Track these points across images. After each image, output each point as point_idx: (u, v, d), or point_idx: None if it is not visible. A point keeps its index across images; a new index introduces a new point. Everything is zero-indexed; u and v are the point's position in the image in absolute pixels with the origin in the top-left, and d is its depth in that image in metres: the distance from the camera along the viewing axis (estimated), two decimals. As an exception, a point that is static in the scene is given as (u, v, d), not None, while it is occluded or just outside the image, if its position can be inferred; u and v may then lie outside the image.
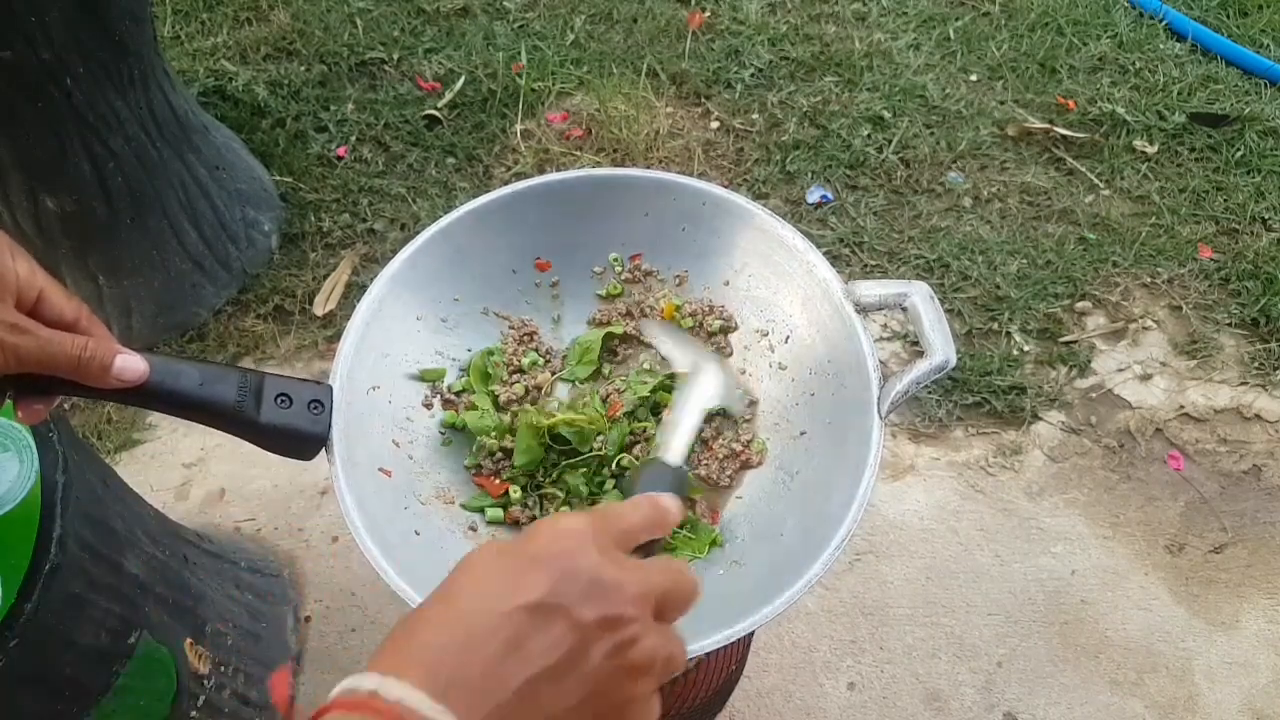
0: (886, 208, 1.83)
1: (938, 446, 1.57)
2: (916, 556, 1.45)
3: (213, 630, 1.15)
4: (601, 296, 0.88)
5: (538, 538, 0.43)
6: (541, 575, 0.40)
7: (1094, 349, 1.68)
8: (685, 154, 1.90)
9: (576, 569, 0.41)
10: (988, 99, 2.00)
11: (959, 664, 1.36)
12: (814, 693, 1.33)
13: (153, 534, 1.10)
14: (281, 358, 1.64)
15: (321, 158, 1.88)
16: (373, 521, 0.68)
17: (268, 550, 1.44)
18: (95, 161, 1.42)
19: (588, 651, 0.39)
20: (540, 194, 0.85)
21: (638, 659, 0.41)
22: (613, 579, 0.41)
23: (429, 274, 0.82)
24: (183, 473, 1.53)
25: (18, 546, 0.81)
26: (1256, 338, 1.69)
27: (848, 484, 0.70)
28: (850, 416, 0.75)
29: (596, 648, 0.40)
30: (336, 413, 0.71)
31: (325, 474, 1.50)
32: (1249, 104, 1.97)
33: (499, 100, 1.96)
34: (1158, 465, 1.56)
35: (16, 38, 1.23)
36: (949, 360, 0.71)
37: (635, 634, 0.41)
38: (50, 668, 0.85)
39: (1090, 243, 1.79)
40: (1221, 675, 1.36)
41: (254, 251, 1.72)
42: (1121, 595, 1.43)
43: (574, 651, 0.39)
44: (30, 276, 0.57)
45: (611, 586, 0.41)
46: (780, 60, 2.05)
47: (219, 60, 2.01)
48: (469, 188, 1.84)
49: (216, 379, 0.66)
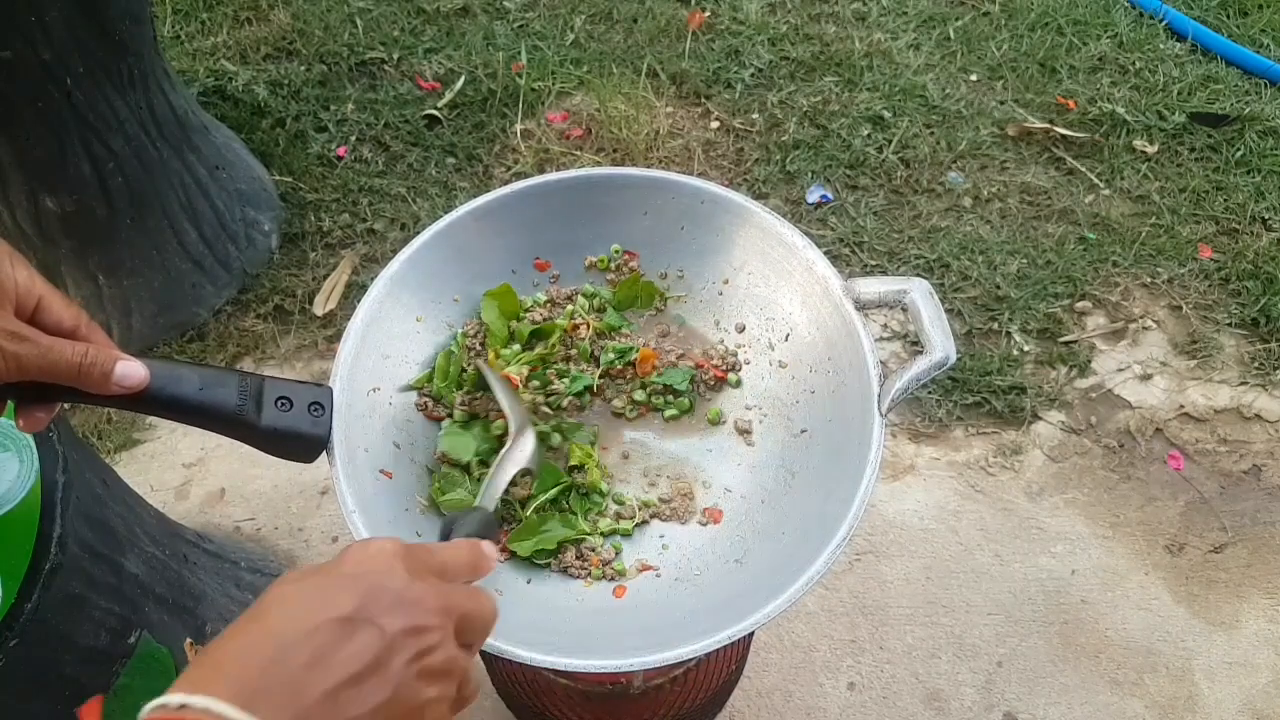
0: (886, 208, 1.83)
1: (938, 446, 1.57)
2: (916, 556, 1.45)
3: (213, 630, 1.15)
4: (587, 267, 0.89)
5: (348, 559, 0.46)
6: (351, 591, 0.44)
7: (1094, 349, 1.68)
8: (685, 154, 1.90)
9: (384, 585, 0.45)
10: (988, 99, 2.00)
11: (959, 664, 1.36)
12: (814, 693, 1.33)
13: (153, 534, 1.10)
14: (281, 358, 1.64)
15: (321, 158, 1.88)
16: (373, 523, 0.68)
17: (268, 550, 1.44)
18: (95, 161, 1.42)
19: (390, 658, 0.43)
20: (540, 194, 0.85)
21: (435, 665, 0.44)
22: (418, 594, 0.45)
23: (429, 274, 0.82)
24: (183, 473, 1.53)
25: (18, 546, 0.81)
26: (1256, 338, 1.69)
27: (848, 483, 0.70)
28: (851, 414, 0.75)
29: (399, 655, 0.43)
30: (337, 415, 0.71)
31: (325, 474, 1.50)
32: (1249, 104, 1.97)
33: (499, 100, 1.96)
34: (1158, 465, 1.56)
35: (16, 38, 1.23)
36: (949, 357, 0.71)
37: (435, 642, 0.44)
38: (50, 668, 0.85)
39: (1090, 243, 1.79)
40: (1221, 675, 1.36)
41: (254, 251, 1.72)
42: (1121, 595, 1.43)
43: (377, 658, 0.42)
44: (29, 284, 0.57)
45: (416, 600, 0.45)
46: (780, 60, 2.05)
47: (219, 60, 2.01)
48: (469, 188, 1.84)
49: (216, 383, 0.66)
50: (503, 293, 0.85)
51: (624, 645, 0.65)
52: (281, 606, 0.43)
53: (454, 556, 0.51)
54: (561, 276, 0.89)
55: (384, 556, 0.46)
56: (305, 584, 0.45)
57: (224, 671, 0.40)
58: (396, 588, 0.45)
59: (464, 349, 0.83)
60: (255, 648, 0.41)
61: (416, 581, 0.46)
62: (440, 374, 0.82)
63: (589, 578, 0.76)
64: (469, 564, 0.52)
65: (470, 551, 0.53)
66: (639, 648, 0.64)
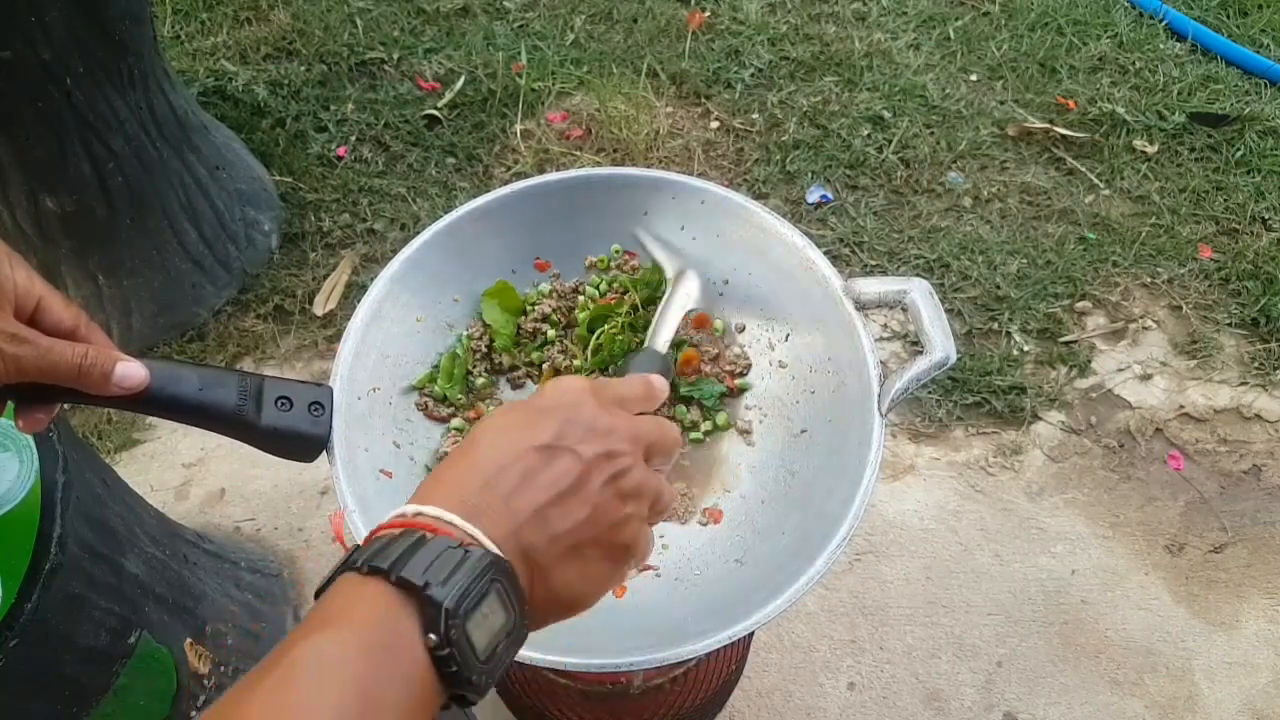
0: (886, 208, 1.83)
1: (938, 446, 1.57)
2: (916, 556, 1.45)
3: (213, 630, 1.15)
4: (587, 267, 0.89)
5: (544, 394, 0.51)
6: (550, 422, 0.48)
7: (1094, 349, 1.68)
8: (685, 154, 1.90)
9: (579, 416, 0.49)
10: (988, 99, 2.00)
11: (959, 664, 1.36)
12: (814, 693, 1.33)
13: (153, 534, 1.10)
14: (281, 358, 1.64)
15: (321, 158, 1.88)
16: (374, 523, 0.68)
17: (268, 550, 1.44)
18: (95, 161, 1.42)
19: (589, 479, 0.47)
20: (540, 194, 0.85)
21: (628, 486, 0.49)
22: (608, 424, 0.49)
23: (429, 274, 0.82)
24: (183, 473, 1.53)
25: (18, 546, 0.81)
26: (1256, 338, 1.69)
27: (848, 483, 0.70)
28: (851, 414, 0.75)
29: (595, 476, 0.48)
30: (337, 414, 0.71)
31: (325, 474, 1.50)
32: (1249, 104, 1.97)
33: (499, 100, 1.96)
34: (1158, 465, 1.56)
35: (16, 38, 1.23)
36: (949, 356, 0.71)
37: (627, 465, 0.49)
38: (50, 668, 0.85)
39: (1090, 243, 1.79)
40: (1221, 675, 1.36)
41: (254, 251, 1.72)
42: (1121, 595, 1.43)
43: (578, 480, 0.47)
44: (29, 285, 0.57)
45: (608, 429, 0.49)
46: (780, 60, 2.05)
47: (219, 60, 2.01)
48: (469, 188, 1.84)
49: (216, 383, 0.66)
50: (501, 290, 0.85)
51: (624, 645, 0.65)
52: (490, 438, 0.48)
53: (630, 389, 0.55)
54: (561, 276, 0.89)
55: (576, 391, 0.51)
56: (509, 418, 0.49)
57: (448, 491, 0.46)
58: (588, 417, 0.49)
59: (469, 352, 0.84)
60: (471, 472, 0.46)
61: (605, 412, 0.50)
62: (444, 375, 0.82)
63: (589, 577, 0.76)
64: (644, 396, 0.56)
65: (644, 385, 0.56)
66: (639, 648, 0.64)
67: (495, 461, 0.47)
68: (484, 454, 0.47)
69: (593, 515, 0.47)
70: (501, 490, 0.46)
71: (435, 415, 0.82)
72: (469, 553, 0.42)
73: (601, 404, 0.51)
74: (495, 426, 0.49)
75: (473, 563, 0.41)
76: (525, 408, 0.50)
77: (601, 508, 0.47)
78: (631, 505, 0.49)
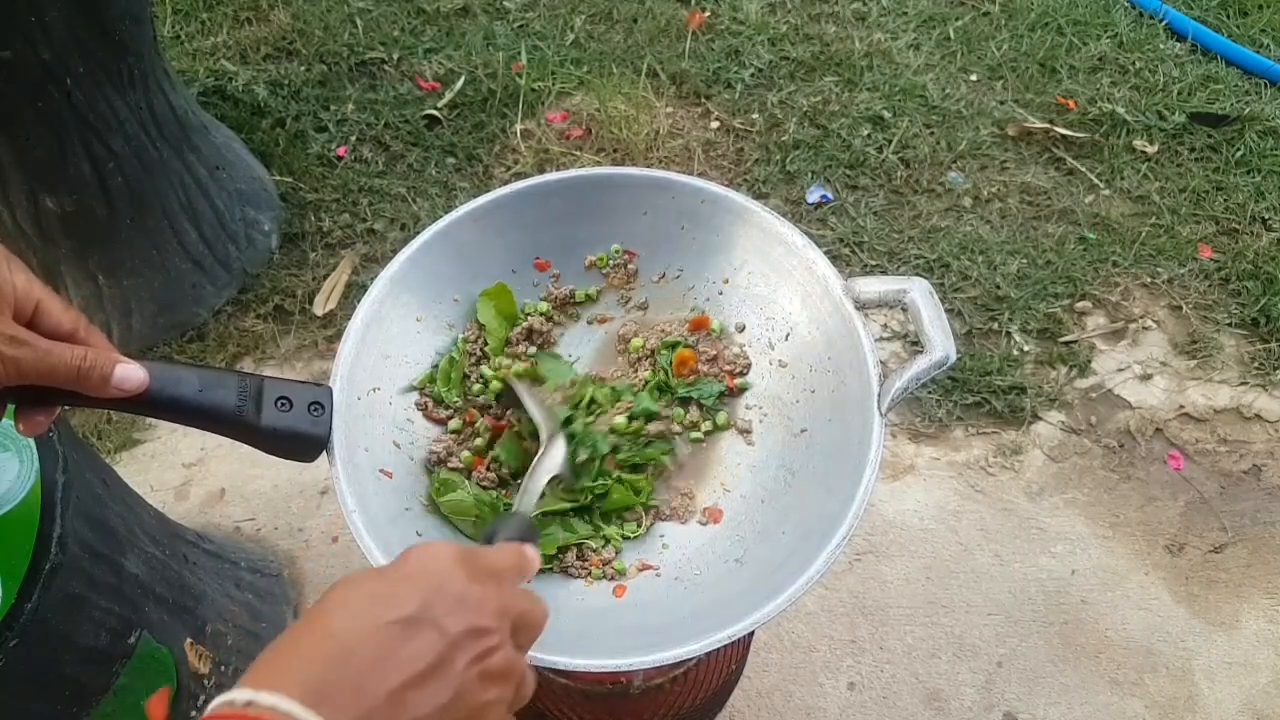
0: (886, 208, 1.83)
1: (938, 446, 1.57)
2: (916, 556, 1.45)
3: (213, 630, 1.15)
4: (587, 267, 0.89)
5: (409, 561, 0.47)
6: (414, 592, 0.44)
7: (1094, 349, 1.68)
8: (685, 154, 1.90)
9: (445, 586, 0.45)
10: (988, 99, 2.00)
11: (959, 664, 1.36)
12: (814, 693, 1.33)
13: (153, 534, 1.10)
14: (281, 358, 1.64)
15: (321, 158, 1.88)
16: (374, 523, 0.68)
17: (268, 550, 1.44)
18: (95, 161, 1.42)
19: (453, 658, 0.43)
20: (540, 194, 0.85)
21: (496, 667, 0.45)
22: (478, 596, 0.46)
23: (429, 274, 0.82)
24: (183, 473, 1.53)
25: (18, 546, 0.81)
26: (1256, 338, 1.69)
27: (848, 482, 0.70)
28: (851, 414, 0.75)
29: (460, 656, 0.43)
30: (337, 414, 0.71)
31: (325, 474, 1.50)
32: (1249, 104, 1.97)
33: (499, 100, 1.96)
34: (1158, 465, 1.56)
35: (16, 38, 1.23)
36: (949, 356, 0.71)
37: (496, 644, 0.45)
38: (50, 668, 0.85)
39: (1090, 243, 1.79)
40: (1221, 675, 1.36)
41: (254, 251, 1.72)
42: (1121, 595, 1.43)
43: (441, 658, 0.43)
44: (27, 287, 0.57)
45: (477, 602, 0.45)
46: (780, 60, 2.05)
47: (219, 60, 2.01)
48: (469, 188, 1.84)
49: (216, 384, 0.66)
50: (498, 292, 0.85)
51: (624, 645, 0.65)
52: (344, 608, 0.44)
53: (501, 560, 0.52)
54: (562, 276, 0.89)
55: (444, 560, 0.47)
56: (366, 586, 0.45)
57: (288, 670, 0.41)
58: (457, 589, 0.45)
59: (465, 355, 0.84)
60: (319, 647, 0.41)
61: (475, 584, 0.46)
62: (443, 378, 0.82)
63: (589, 577, 0.76)
64: (515, 567, 0.53)
65: (516, 555, 0.53)
66: (639, 648, 0.64)
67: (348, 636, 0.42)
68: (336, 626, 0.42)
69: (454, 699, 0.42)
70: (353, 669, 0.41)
71: (435, 416, 0.82)
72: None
73: (472, 575, 0.47)
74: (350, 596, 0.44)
75: None
76: (385, 575, 0.46)
77: (464, 691, 0.43)
78: (496, 690, 0.45)
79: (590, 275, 0.89)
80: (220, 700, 0.40)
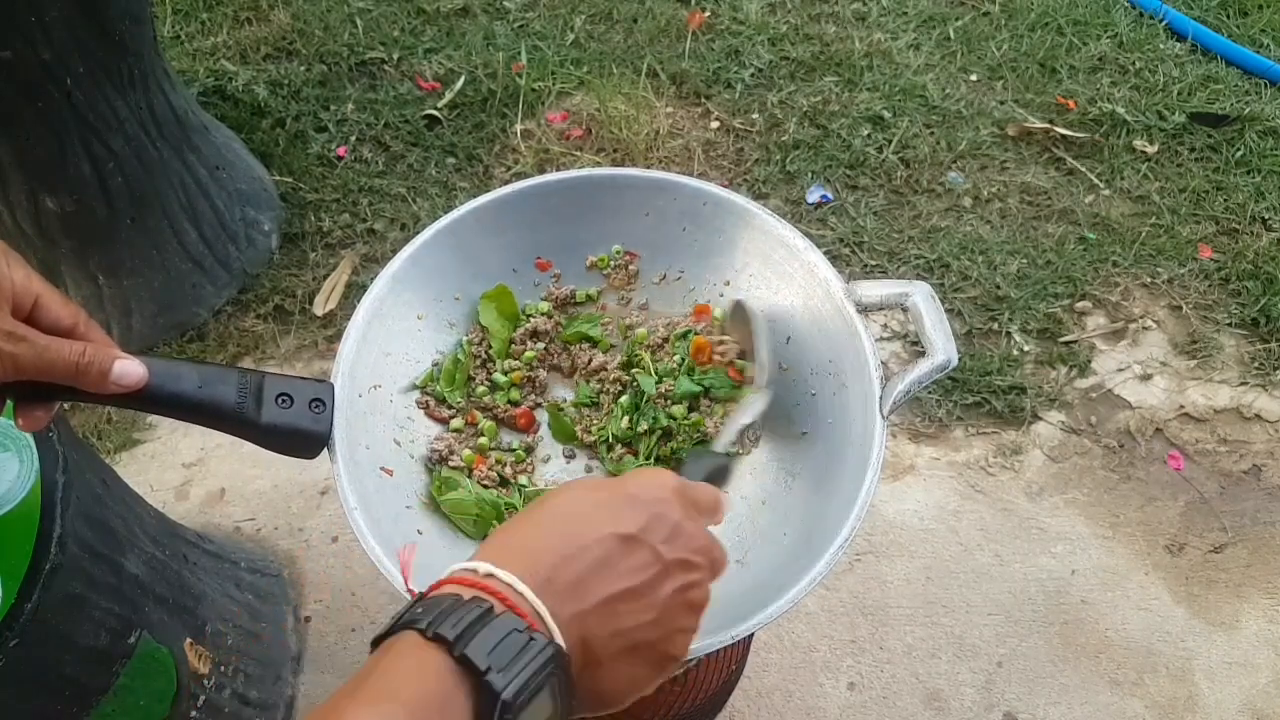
0: (886, 208, 1.83)
1: (938, 446, 1.57)
2: (916, 556, 1.45)
3: (213, 630, 1.15)
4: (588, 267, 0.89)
5: (633, 481, 0.50)
6: (637, 512, 0.47)
7: (1094, 349, 1.68)
8: (685, 154, 1.90)
9: (666, 515, 0.48)
10: (988, 99, 2.00)
11: (959, 664, 1.36)
12: (814, 693, 1.33)
13: (153, 534, 1.10)
14: (281, 358, 1.64)
15: (321, 158, 1.88)
16: (375, 521, 0.68)
17: (268, 550, 1.44)
18: (95, 161, 1.42)
19: (663, 583, 0.46)
20: (540, 194, 0.85)
21: (696, 599, 0.48)
22: (691, 530, 0.49)
23: (430, 273, 0.82)
24: (183, 473, 1.52)
25: (18, 546, 0.81)
26: (1256, 338, 1.69)
27: (849, 484, 0.70)
28: (852, 416, 0.75)
29: (669, 583, 0.46)
30: (338, 411, 0.71)
31: (325, 474, 1.50)
32: (1249, 104, 1.97)
33: (499, 100, 1.96)
34: (1158, 465, 1.56)
35: (16, 38, 1.23)
36: (950, 360, 0.71)
37: (700, 579, 0.48)
38: (50, 668, 0.85)
39: (1090, 243, 1.79)
40: (1221, 675, 1.36)
41: (254, 251, 1.72)
42: (1121, 595, 1.43)
43: (653, 579, 0.46)
44: (26, 283, 0.57)
45: (691, 536, 0.48)
46: (780, 60, 2.05)
47: (219, 60, 2.01)
48: (469, 188, 1.84)
49: (216, 380, 0.66)
50: (499, 294, 0.85)
51: (625, 645, 0.65)
52: (572, 510, 0.47)
53: (707, 499, 0.54)
54: (563, 276, 0.89)
55: (665, 488, 0.49)
56: (594, 495, 0.48)
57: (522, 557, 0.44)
58: (674, 519, 0.48)
59: (470, 357, 0.84)
60: (550, 541, 0.45)
61: (688, 519, 0.49)
62: (446, 378, 0.82)
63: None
64: (714, 508, 0.54)
65: (718, 500, 0.55)
66: (640, 648, 0.64)
67: (575, 537, 0.45)
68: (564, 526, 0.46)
69: (658, 619, 0.46)
70: (576, 569, 0.44)
71: (436, 415, 0.82)
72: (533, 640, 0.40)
73: (686, 509, 0.49)
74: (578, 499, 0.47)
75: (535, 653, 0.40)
76: (611, 489, 0.49)
77: (665, 615, 0.46)
78: (691, 620, 0.48)
79: (591, 276, 0.89)
80: (459, 566, 0.44)
